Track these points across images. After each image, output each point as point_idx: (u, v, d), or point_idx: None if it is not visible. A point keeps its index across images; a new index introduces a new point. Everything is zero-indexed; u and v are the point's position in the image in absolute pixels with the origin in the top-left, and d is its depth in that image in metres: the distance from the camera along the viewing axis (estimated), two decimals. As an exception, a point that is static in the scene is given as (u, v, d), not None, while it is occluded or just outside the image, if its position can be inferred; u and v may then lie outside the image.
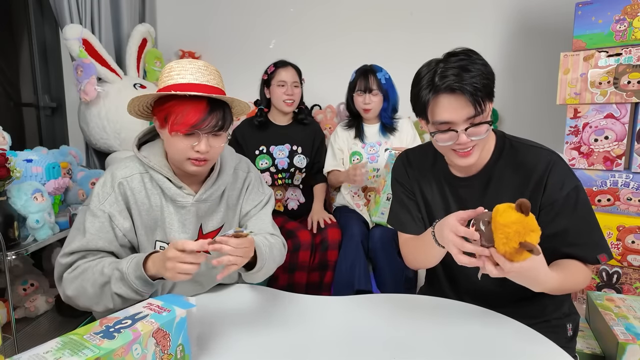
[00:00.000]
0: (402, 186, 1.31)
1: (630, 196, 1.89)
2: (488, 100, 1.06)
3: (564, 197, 1.07)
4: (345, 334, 1.05)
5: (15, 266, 1.94)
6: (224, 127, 1.11)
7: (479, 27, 2.64)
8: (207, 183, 1.20)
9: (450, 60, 1.04)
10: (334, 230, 2.05)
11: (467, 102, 1.02)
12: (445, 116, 1.05)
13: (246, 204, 1.33)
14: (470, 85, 1.01)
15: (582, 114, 1.95)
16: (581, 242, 1.08)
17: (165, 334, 0.83)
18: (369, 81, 2.14)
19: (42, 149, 1.98)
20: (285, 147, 2.23)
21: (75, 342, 0.74)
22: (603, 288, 1.95)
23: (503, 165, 1.15)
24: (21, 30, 2.53)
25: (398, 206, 1.33)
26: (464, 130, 1.05)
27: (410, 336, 1.05)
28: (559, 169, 1.10)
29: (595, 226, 1.10)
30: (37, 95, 2.61)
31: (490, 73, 1.06)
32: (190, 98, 1.05)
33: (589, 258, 1.08)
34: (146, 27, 2.64)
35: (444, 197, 1.23)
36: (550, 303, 1.22)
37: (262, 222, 1.33)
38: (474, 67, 1.03)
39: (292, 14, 2.97)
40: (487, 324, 1.11)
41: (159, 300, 0.91)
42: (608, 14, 1.86)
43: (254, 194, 1.34)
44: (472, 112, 1.03)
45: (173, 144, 1.10)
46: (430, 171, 1.26)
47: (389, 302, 1.26)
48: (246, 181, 1.33)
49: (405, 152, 1.34)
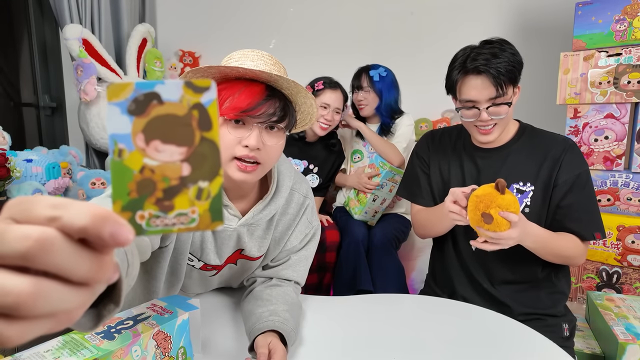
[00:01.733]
0: (420, 160, 1.43)
1: (630, 196, 1.89)
2: (511, 84, 1.18)
3: (577, 175, 1.20)
4: (345, 334, 1.05)
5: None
6: (283, 119, 0.90)
7: (479, 27, 2.63)
8: (261, 204, 0.99)
9: (484, 47, 1.18)
10: (332, 232, 2.04)
11: (490, 83, 1.15)
12: (470, 94, 1.19)
13: (294, 237, 1.08)
14: (495, 69, 1.14)
15: (582, 114, 1.95)
16: (583, 218, 1.21)
17: (167, 336, 0.82)
18: (360, 79, 2.16)
19: (42, 149, 1.98)
20: (302, 163, 2.09)
21: (76, 341, 0.73)
22: (603, 288, 1.95)
23: (522, 144, 1.28)
24: (21, 30, 2.53)
25: (411, 179, 1.45)
26: (485, 109, 1.18)
27: (411, 336, 1.05)
28: (575, 151, 1.24)
29: (596, 208, 1.24)
30: (37, 95, 2.61)
31: (517, 62, 1.19)
32: (246, 81, 0.87)
33: (586, 234, 1.21)
34: (146, 27, 2.64)
35: (462, 167, 1.34)
36: (545, 296, 1.28)
37: (299, 266, 1.11)
38: (503, 55, 1.16)
39: (292, 14, 2.97)
40: (487, 323, 1.11)
41: (163, 302, 0.90)
42: (608, 14, 1.86)
43: (304, 225, 1.09)
44: (494, 93, 1.16)
45: (221, 136, 0.88)
46: (452, 147, 1.37)
47: (389, 302, 1.26)
48: (302, 207, 1.08)
49: (431, 132, 1.46)
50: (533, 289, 1.28)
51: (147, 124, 0.32)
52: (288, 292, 1.06)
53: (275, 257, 1.10)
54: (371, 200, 2.06)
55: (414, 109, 2.83)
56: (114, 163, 0.31)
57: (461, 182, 1.32)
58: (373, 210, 2.10)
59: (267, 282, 1.09)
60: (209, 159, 0.33)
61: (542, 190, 1.23)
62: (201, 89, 0.32)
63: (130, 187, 0.31)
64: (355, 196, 2.13)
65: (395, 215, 2.16)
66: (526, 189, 1.24)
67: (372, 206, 2.08)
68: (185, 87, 0.32)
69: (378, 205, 2.10)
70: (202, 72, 0.88)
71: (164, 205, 0.32)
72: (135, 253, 0.66)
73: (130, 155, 0.31)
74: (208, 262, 1.04)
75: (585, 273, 1.99)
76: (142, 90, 0.31)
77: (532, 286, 1.28)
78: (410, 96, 2.63)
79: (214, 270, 1.11)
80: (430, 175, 1.40)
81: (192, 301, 0.92)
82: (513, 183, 1.25)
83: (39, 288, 0.26)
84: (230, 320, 1.11)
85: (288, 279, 1.09)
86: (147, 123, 0.32)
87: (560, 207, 1.22)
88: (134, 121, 0.32)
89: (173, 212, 0.32)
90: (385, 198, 2.10)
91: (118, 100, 0.31)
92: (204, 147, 0.33)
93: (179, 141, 0.32)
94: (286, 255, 1.10)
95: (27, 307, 0.26)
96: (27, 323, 0.27)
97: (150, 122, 0.32)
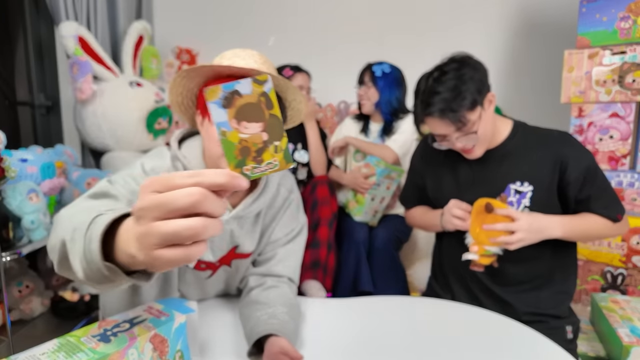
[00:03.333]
0: (413, 169, 1.48)
1: (636, 196, 1.87)
2: (474, 110, 1.15)
3: (586, 168, 1.20)
4: (346, 335, 1.04)
5: (10, 267, 1.92)
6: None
7: (481, 25, 2.63)
8: (251, 196, 1.06)
9: (440, 80, 1.15)
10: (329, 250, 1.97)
11: (449, 123, 1.15)
12: (436, 131, 1.21)
13: (279, 229, 1.16)
14: (450, 110, 1.13)
15: (586, 112, 1.93)
16: (604, 205, 1.22)
17: (163, 339, 0.81)
18: (363, 74, 2.16)
19: (37, 148, 1.95)
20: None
21: (72, 344, 0.73)
22: (607, 290, 1.93)
23: (517, 143, 1.26)
24: (16, 28, 2.50)
25: (406, 187, 1.53)
26: (456, 139, 1.19)
27: (411, 337, 1.04)
28: (575, 144, 1.23)
29: (611, 191, 1.25)
30: (32, 93, 2.58)
31: (477, 84, 1.14)
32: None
33: (612, 217, 1.22)
34: (142, 24, 2.61)
35: (456, 171, 1.33)
36: (548, 296, 1.28)
37: (289, 260, 1.16)
38: (460, 88, 1.13)
39: (290, 11, 2.95)
40: (490, 325, 1.11)
41: (160, 304, 0.89)
42: (612, 12, 1.85)
43: (289, 219, 1.17)
44: (455, 128, 1.16)
45: (212, 135, 0.96)
46: (446, 152, 1.35)
47: (390, 303, 1.25)
48: (286, 202, 1.17)
49: (425, 137, 1.45)
50: (536, 289, 1.27)
51: (236, 112, 0.50)
52: (285, 292, 1.09)
53: (262, 250, 1.16)
54: (370, 200, 2.03)
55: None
56: (223, 140, 0.50)
57: (455, 185, 1.31)
58: (373, 209, 2.07)
59: (264, 284, 1.11)
60: (276, 127, 0.51)
61: (544, 190, 1.21)
62: (262, 82, 0.50)
63: (235, 153, 0.50)
64: (353, 197, 2.12)
65: (396, 216, 2.14)
66: (524, 190, 1.22)
67: (372, 205, 2.06)
68: (253, 83, 0.50)
69: (377, 204, 2.08)
70: (197, 70, 0.96)
71: (257, 160, 0.51)
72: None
73: (230, 134, 0.50)
74: (201, 257, 1.02)
75: (589, 275, 1.97)
76: (227, 90, 0.50)
77: (536, 285, 1.27)
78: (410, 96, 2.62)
79: (209, 271, 1.12)
80: (426, 181, 1.41)
81: (189, 304, 0.91)
82: (510, 183, 1.23)
83: (205, 223, 0.45)
84: (228, 324, 1.10)
85: (280, 274, 1.14)
86: (236, 111, 0.50)
87: (579, 200, 1.22)
88: (227, 111, 0.50)
89: (264, 163, 0.51)
90: (383, 196, 2.08)
91: (214, 100, 0.50)
92: (272, 120, 0.51)
93: (257, 119, 0.50)
94: (272, 249, 1.15)
95: (202, 235, 0.45)
96: (201, 244, 0.47)
97: (237, 110, 0.50)
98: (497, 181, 1.25)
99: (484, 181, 1.27)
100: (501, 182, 1.24)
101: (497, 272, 1.27)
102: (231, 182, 0.47)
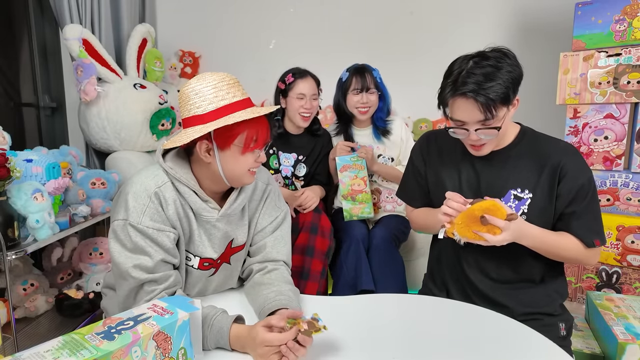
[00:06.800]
0: (413, 166, 1.44)
1: (630, 196, 1.89)
2: (504, 106, 1.14)
3: (580, 185, 1.19)
4: (346, 333, 1.05)
5: (15, 266, 1.94)
6: None
7: (478, 27, 2.65)
8: (233, 195, 1.17)
9: (479, 64, 1.12)
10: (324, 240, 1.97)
11: (479, 108, 1.11)
12: (459, 116, 1.16)
13: (262, 219, 1.27)
14: (485, 95, 1.10)
15: (581, 114, 1.95)
16: (582, 226, 1.21)
17: (167, 336, 0.82)
18: (366, 79, 2.04)
19: (42, 149, 1.98)
20: (292, 156, 2.11)
21: (76, 341, 0.73)
22: (603, 288, 1.95)
23: (522, 149, 1.26)
24: (21, 30, 2.53)
25: (406, 183, 1.50)
26: (474, 130, 1.16)
27: (411, 336, 1.06)
28: (577, 159, 1.22)
29: (598, 216, 1.24)
30: (37, 95, 2.60)
31: (514, 80, 1.13)
32: (255, 119, 1.06)
33: (586, 241, 1.21)
34: (146, 27, 2.63)
35: (459, 171, 1.32)
36: (540, 294, 1.29)
37: (280, 246, 1.27)
38: (498, 76, 1.11)
39: (291, 14, 2.97)
40: (486, 323, 1.12)
41: (164, 302, 0.90)
42: (608, 14, 1.87)
43: (271, 208, 1.28)
44: (482, 117, 1.13)
45: (241, 161, 1.09)
46: (448, 150, 1.35)
47: (390, 302, 1.27)
48: (265, 193, 1.28)
49: (426, 135, 1.45)
50: (528, 288, 1.28)
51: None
52: (284, 273, 1.23)
53: (252, 240, 1.27)
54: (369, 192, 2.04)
55: (414, 108, 2.84)
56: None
57: (458, 185, 1.31)
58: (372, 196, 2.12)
59: (265, 269, 1.24)
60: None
61: (541, 199, 1.22)
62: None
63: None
64: (354, 203, 2.06)
65: (395, 215, 2.15)
66: (524, 196, 1.23)
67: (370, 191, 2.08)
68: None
69: (369, 189, 2.08)
70: (228, 128, 1.05)
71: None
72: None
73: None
74: (203, 254, 1.17)
75: (585, 273, 1.99)
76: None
77: (527, 285, 1.29)
78: (410, 96, 2.63)
79: (212, 269, 1.21)
80: (427, 179, 1.40)
81: (192, 302, 0.92)
82: (511, 189, 1.24)
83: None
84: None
85: (276, 259, 1.26)
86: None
87: (562, 215, 1.22)
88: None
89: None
90: (364, 176, 2.06)
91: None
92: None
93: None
94: (262, 237, 1.27)
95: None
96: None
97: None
98: (498, 184, 1.25)
99: (486, 182, 1.27)
100: (502, 186, 1.25)
101: (488, 272, 1.29)
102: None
